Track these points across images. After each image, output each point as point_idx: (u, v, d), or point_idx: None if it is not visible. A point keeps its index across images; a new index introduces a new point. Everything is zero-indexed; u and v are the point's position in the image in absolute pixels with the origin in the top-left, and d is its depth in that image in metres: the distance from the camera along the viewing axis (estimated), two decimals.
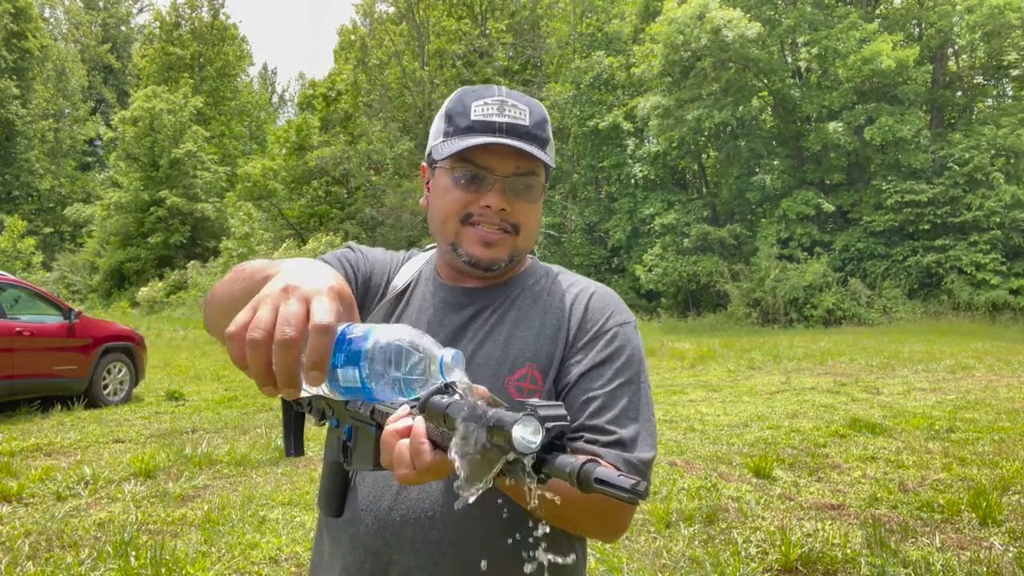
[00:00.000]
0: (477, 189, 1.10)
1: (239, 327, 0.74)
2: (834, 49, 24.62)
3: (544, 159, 1.09)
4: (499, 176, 1.09)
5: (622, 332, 1.13)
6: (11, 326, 7.79)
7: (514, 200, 1.10)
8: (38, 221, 39.75)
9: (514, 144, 1.06)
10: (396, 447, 0.77)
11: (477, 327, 1.16)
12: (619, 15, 32.56)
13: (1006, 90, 27.30)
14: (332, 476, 1.08)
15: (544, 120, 1.13)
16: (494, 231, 1.11)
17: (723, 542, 4.08)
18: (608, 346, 1.11)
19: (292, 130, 32.76)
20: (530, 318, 1.15)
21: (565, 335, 1.13)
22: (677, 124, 26.07)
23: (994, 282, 22.41)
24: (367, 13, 42.44)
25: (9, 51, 39.12)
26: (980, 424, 7.16)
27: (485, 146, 1.07)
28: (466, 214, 1.11)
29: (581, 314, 1.14)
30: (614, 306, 1.17)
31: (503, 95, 1.11)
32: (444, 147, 1.10)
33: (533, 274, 1.22)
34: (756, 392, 9.63)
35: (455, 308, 1.18)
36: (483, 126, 1.08)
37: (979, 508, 4.44)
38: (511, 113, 1.09)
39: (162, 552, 3.74)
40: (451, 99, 1.14)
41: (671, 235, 26.58)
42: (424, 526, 1.08)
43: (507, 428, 0.65)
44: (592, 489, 0.63)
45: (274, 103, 59.36)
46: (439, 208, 1.14)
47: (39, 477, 5.27)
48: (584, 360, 1.10)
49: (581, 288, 1.19)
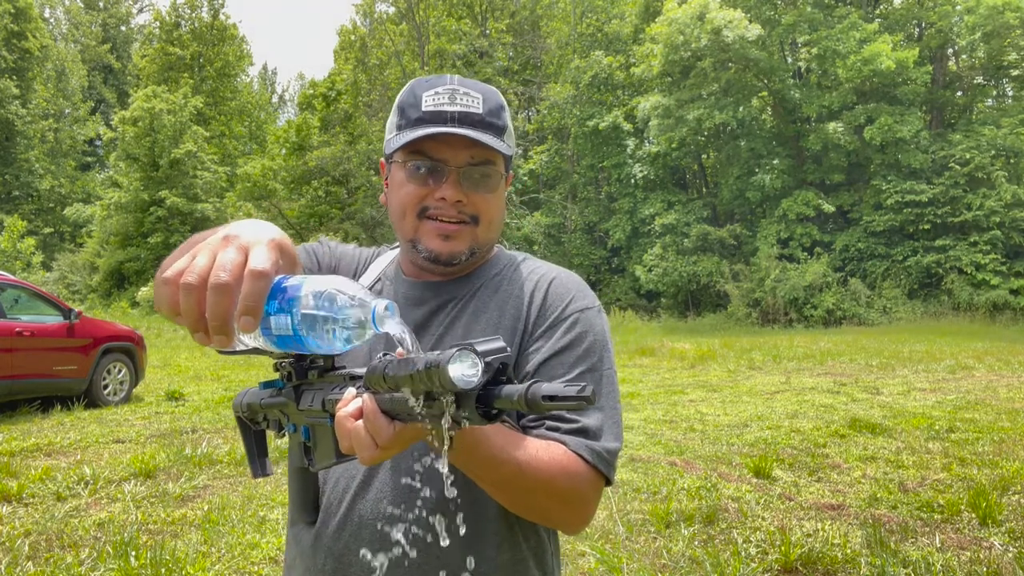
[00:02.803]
0: (432, 181, 1.07)
1: (175, 273, 0.74)
2: (834, 49, 24.63)
3: (498, 147, 1.05)
4: (453, 167, 1.06)
5: (583, 318, 1.10)
6: (11, 326, 7.79)
7: (470, 191, 1.07)
8: (38, 221, 39.73)
9: (465, 133, 1.03)
10: (352, 430, 0.75)
11: (439, 322, 1.13)
12: (619, 15, 32.58)
13: (1006, 90, 27.32)
14: (301, 482, 1.05)
15: (500, 107, 1.09)
16: (452, 223, 1.08)
17: (723, 542, 4.08)
18: (568, 332, 1.08)
19: (292, 130, 32.74)
20: (489, 310, 1.12)
21: (524, 324, 1.10)
22: (677, 124, 26.08)
23: (994, 282, 22.42)
24: (367, 13, 42.44)
25: (9, 51, 39.10)
26: (980, 424, 7.16)
27: (435, 136, 1.03)
28: (422, 208, 1.08)
29: (540, 301, 1.11)
30: (575, 291, 1.13)
31: (455, 84, 1.07)
32: (396, 140, 1.08)
33: (496, 264, 1.19)
34: (756, 392, 9.63)
35: (416, 303, 1.15)
36: (434, 116, 1.05)
37: (979, 508, 4.43)
38: (463, 102, 1.05)
39: (162, 552, 3.74)
40: (403, 91, 1.11)
41: (671, 235, 26.59)
42: (384, 526, 1.07)
43: (442, 366, 0.61)
44: (542, 407, 0.60)
45: (274, 103, 59.35)
46: (396, 203, 1.11)
47: (39, 477, 5.27)
48: (544, 348, 1.07)
49: (541, 275, 1.15)
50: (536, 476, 0.94)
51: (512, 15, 35.18)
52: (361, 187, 31.28)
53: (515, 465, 0.92)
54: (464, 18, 34.69)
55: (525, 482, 0.93)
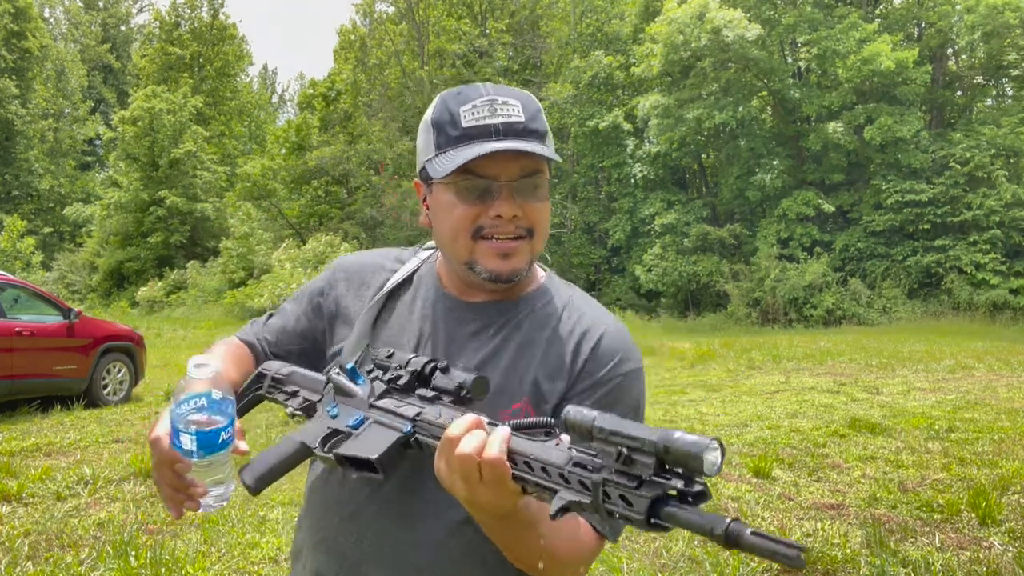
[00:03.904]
0: (484, 200, 1.03)
1: None
2: (834, 49, 24.62)
3: (547, 155, 1.02)
4: (505, 182, 1.02)
5: (625, 383, 1.09)
6: (11, 326, 7.79)
7: (524, 203, 1.03)
8: (38, 221, 39.71)
9: (517, 147, 0.99)
10: (464, 459, 0.78)
11: (478, 345, 1.10)
12: (619, 15, 32.56)
13: (1006, 90, 27.31)
14: (284, 459, 1.02)
15: (538, 110, 1.06)
16: (510, 240, 1.04)
17: None
18: (608, 395, 1.07)
19: (292, 130, 32.73)
20: (534, 347, 1.10)
21: (568, 376, 1.08)
22: (677, 124, 26.07)
23: (994, 282, 22.40)
24: (367, 13, 42.42)
25: (9, 51, 39.06)
26: (980, 424, 7.16)
27: (490, 155, 0.99)
28: (477, 228, 1.04)
29: (588, 354, 1.09)
30: (623, 350, 1.11)
31: (491, 93, 1.03)
32: (441, 162, 1.02)
33: (543, 295, 1.15)
34: (756, 392, 9.63)
35: (458, 321, 1.13)
36: (478, 131, 1.01)
37: (978, 508, 4.43)
38: (503, 112, 1.01)
39: (162, 552, 3.74)
40: (435, 108, 1.06)
41: (671, 235, 26.58)
42: (395, 539, 1.07)
43: (700, 449, 0.62)
44: (744, 548, 0.60)
45: (274, 103, 59.31)
46: (446, 227, 1.06)
47: (39, 477, 5.27)
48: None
49: (592, 324, 1.12)
50: (552, 554, 0.95)
51: (512, 15, 35.16)
52: (361, 187, 31.27)
53: (541, 542, 0.93)
54: (464, 18, 34.68)
55: (540, 553, 0.94)
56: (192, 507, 0.97)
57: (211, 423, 0.90)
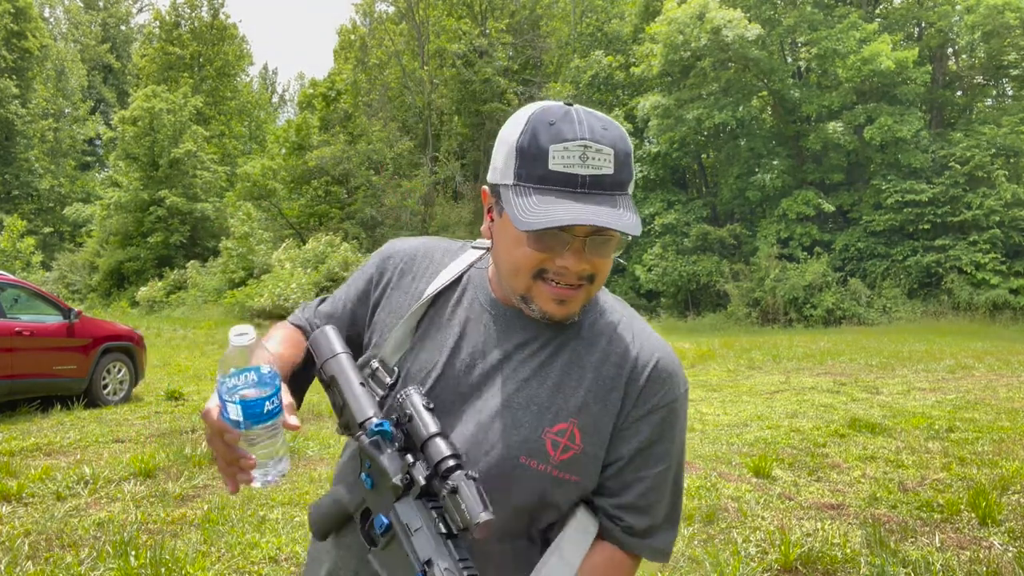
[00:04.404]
0: (553, 249, 1.00)
1: None
2: (834, 49, 24.62)
3: (629, 231, 0.96)
4: (579, 235, 0.99)
5: (677, 408, 1.11)
6: (11, 326, 7.78)
7: (592, 257, 1.01)
8: (38, 221, 39.74)
9: (600, 223, 0.94)
10: None
11: (523, 358, 1.09)
12: (619, 15, 32.57)
13: (1006, 90, 27.32)
14: (333, 509, 1.10)
15: (628, 155, 1.00)
16: (570, 288, 1.02)
17: (723, 542, 4.07)
18: (662, 423, 1.09)
19: (292, 130, 32.73)
20: (583, 367, 1.08)
21: (619, 402, 1.08)
22: (677, 124, 26.08)
23: (994, 282, 22.40)
24: (367, 13, 42.47)
25: (9, 51, 39.08)
26: (980, 424, 7.16)
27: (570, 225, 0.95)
28: (540, 270, 1.02)
29: (644, 381, 1.09)
30: (674, 377, 1.11)
31: (585, 136, 0.96)
32: (519, 203, 0.97)
33: (592, 312, 1.14)
34: (756, 392, 9.63)
35: (503, 331, 1.11)
36: (564, 179, 0.96)
37: (978, 508, 4.43)
38: (594, 162, 0.96)
39: (162, 552, 3.74)
40: (524, 131, 0.99)
41: (671, 235, 26.59)
42: None
43: None
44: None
45: (274, 103, 59.33)
46: (508, 259, 1.05)
47: (39, 477, 5.27)
48: (642, 435, 1.09)
49: (646, 348, 1.11)
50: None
51: (512, 15, 35.16)
52: (361, 187, 31.28)
53: None
54: (464, 18, 34.68)
55: None
56: (245, 480, 0.98)
57: (258, 394, 0.93)
